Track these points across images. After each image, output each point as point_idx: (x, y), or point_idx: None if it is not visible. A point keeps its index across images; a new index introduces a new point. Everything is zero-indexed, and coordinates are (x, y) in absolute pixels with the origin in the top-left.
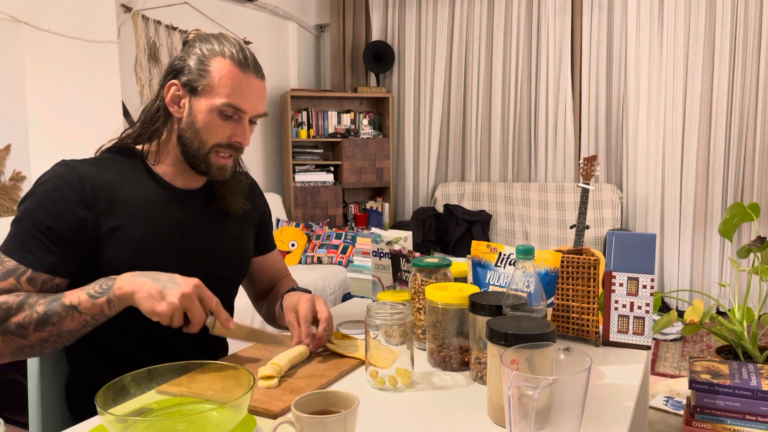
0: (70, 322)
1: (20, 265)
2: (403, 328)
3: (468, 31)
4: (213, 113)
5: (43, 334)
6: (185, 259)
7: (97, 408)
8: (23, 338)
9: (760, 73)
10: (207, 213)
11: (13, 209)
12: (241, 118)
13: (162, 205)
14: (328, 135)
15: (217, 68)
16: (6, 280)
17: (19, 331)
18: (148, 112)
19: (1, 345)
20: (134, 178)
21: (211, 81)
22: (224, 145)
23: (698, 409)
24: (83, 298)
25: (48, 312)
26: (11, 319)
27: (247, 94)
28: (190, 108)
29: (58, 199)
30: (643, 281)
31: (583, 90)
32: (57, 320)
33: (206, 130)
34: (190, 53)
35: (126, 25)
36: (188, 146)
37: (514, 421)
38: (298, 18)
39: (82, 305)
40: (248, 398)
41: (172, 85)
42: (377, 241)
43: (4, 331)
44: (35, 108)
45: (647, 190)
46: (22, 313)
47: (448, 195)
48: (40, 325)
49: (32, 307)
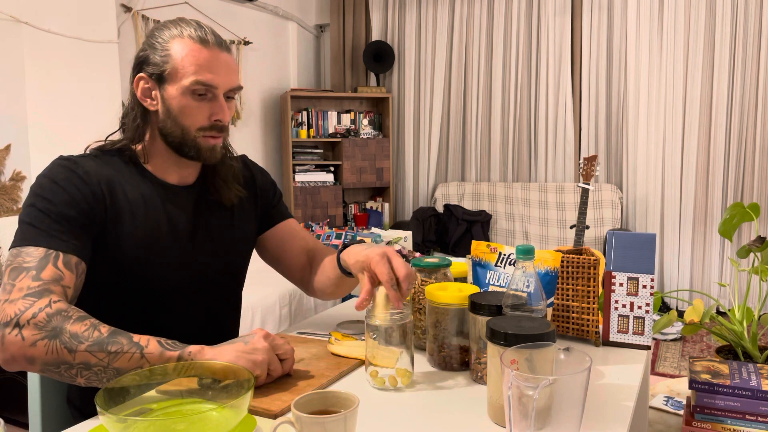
0: (126, 360)
1: (50, 250)
2: (403, 328)
3: (468, 31)
4: (186, 96)
5: (91, 358)
6: (186, 255)
7: (97, 408)
8: (69, 352)
9: (760, 73)
10: (204, 207)
11: (13, 209)
12: (215, 96)
13: (160, 202)
14: (328, 135)
15: (178, 49)
16: (45, 267)
17: (70, 342)
18: (127, 113)
19: (40, 350)
20: (129, 176)
21: (175, 63)
22: (207, 127)
23: (698, 409)
24: (152, 343)
25: (111, 338)
26: (66, 325)
27: (215, 68)
28: (162, 97)
29: (72, 189)
30: (643, 281)
31: (583, 90)
32: (116, 350)
33: (183, 115)
34: (150, 44)
35: (126, 25)
36: (171, 136)
37: (514, 421)
38: (298, 18)
39: (148, 349)
40: (248, 398)
41: (140, 79)
42: (377, 241)
43: (53, 336)
44: (35, 108)
45: (647, 190)
46: (81, 325)
47: (448, 195)
48: (95, 347)
49: (94, 326)
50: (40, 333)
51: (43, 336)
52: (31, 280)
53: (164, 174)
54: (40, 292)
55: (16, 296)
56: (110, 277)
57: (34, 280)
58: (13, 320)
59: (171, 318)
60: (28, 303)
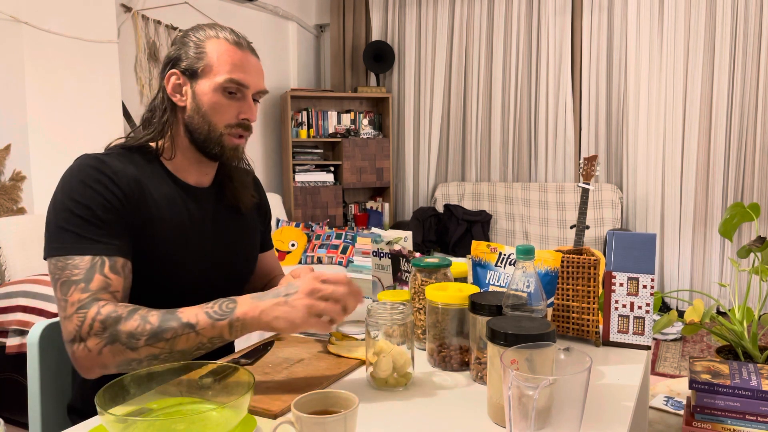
0: (185, 342)
1: (95, 258)
2: (403, 328)
3: (468, 31)
4: (217, 92)
5: (154, 350)
6: (205, 255)
7: (97, 408)
8: (132, 350)
9: (760, 73)
10: (219, 209)
11: (13, 209)
12: (244, 95)
13: (181, 202)
14: (328, 135)
15: (214, 48)
16: (93, 278)
17: (129, 341)
18: (154, 109)
19: (108, 355)
20: (151, 174)
21: (210, 61)
22: (234, 125)
23: (698, 409)
24: (201, 318)
25: (162, 326)
26: (120, 327)
27: (248, 69)
28: (194, 93)
29: (105, 191)
30: (643, 281)
31: (583, 90)
32: (171, 336)
33: (213, 111)
34: (184, 42)
35: (126, 25)
36: (197, 132)
37: (514, 421)
38: (298, 18)
39: (200, 325)
40: (248, 398)
41: (171, 74)
42: (377, 241)
43: (113, 340)
44: (35, 108)
45: (647, 190)
46: (132, 322)
47: (448, 195)
48: (152, 339)
49: (144, 318)
50: (101, 341)
51: (105, 343)
52: (81, 293)
53: (184, 174)
54: (89, 303)
55: (70, 312)
56: (137, 274)
57: (83, 293)
58: (76, 335)
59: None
60: (81, 316)
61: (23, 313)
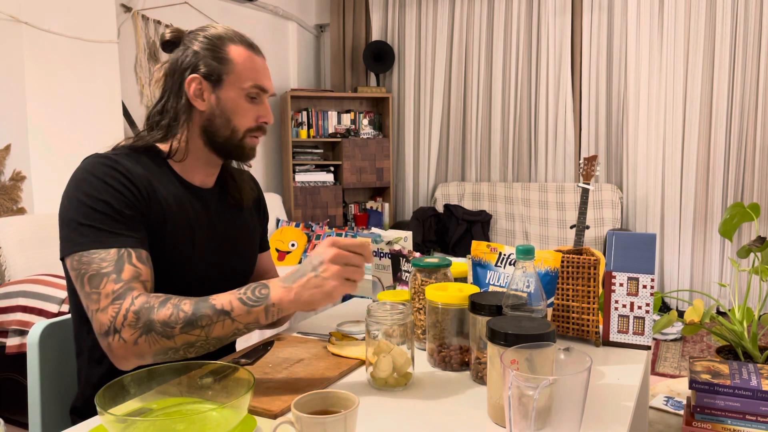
0: (220, 329)
1: (121, 250)
2: (403, 328)
3: (468, 31)
4: (241, 98)
5: (190, 337)
6: (209, 254)
7: (97, 408)
8: (168, 338)
9: (760, 73)
10: (222, 209)
11: (13, 209)
12: (262, 99)
13: (188, 202)
14: (328, 135)
15: (236, 54)
16: (123, 268)
17: (165, 330)
18: (164, 111)
19: (144, 345)
20: (159, 174)
21: (234, 68)
22: (254, 128)
23: (698, 409)
24: (236, 304)
25: (196, 313)
26: (154, 317)
27: (265, 73)
28: (218, 98)
29: (121, 187)
30: (643, 281)
31: (583, 90)
32: (206, 324)
33: (237, 115)
34: (194, 44)
35: (126, 25)
36: (217, 135)
37: (514, 421)
38: (298, 18)
39: (235, 312)
40: (248, 398)
41: (192, 80)
42: (377, 241)
43: (148, 330)
44: (35, 108)
45: (647, 190)
46: (166, 311)
47: (448, 195)
48: (187, 327)
49: (177, 306)
50: (136, 331)
51: (140, 333)
52: (114, 284)
53: (190, 175)
54: (123, 293)
55: (104, 303)
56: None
57: (116, 283)
58: (110, 327)
59: None
60: (116, 307)
61: (23, 313)
